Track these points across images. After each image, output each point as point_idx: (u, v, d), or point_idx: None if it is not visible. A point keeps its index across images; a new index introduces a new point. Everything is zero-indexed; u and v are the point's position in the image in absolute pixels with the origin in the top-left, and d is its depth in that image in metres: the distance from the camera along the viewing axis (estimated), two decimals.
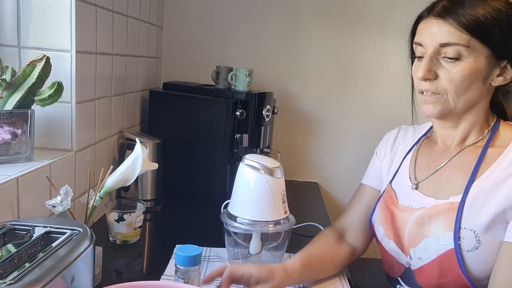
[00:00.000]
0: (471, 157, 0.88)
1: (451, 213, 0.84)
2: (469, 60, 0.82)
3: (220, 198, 1.27)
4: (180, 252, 0.80)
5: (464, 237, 0.81)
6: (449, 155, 0.92)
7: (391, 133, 1.09)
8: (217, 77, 1.53)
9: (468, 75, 0.82)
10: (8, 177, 0.84)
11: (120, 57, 1.35)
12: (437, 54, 0.84)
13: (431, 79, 0.85)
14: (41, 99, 0.97)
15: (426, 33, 0.85)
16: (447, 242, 0.83)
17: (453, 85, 0.83)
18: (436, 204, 0.87)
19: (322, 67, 1.83)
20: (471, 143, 0.90)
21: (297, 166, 1.90)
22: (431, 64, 0.84)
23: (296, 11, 1.80)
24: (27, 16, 1.03)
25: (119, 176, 0.97)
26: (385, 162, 1.06)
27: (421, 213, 0.89)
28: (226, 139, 1.39)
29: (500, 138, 0.88)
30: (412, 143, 1.03)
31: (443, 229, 0.84)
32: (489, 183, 0.82)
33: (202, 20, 1.82)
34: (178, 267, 0.81)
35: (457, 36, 0.81)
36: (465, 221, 0.82)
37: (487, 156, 0.86)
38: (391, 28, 1.79)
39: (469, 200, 0.83)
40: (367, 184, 1.08)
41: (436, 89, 0.85)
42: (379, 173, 1.07)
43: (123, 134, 1.41)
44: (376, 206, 1.01)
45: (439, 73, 0.84)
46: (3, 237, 0.66)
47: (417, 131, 1.06)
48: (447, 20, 0.82)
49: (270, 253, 1.04)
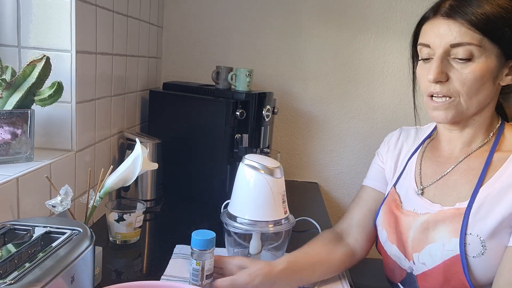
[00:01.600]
0: (477, 162, 0.87)
1: (457, 219, 0.83)
2: (480, 60, 0.80)
3: (220, 198, 1.27)
4: (195, 236, 0.86)
5: (470, 243, 0.80)
6: (455, 160, 0.90)
7: (393, 135, 1.08)
8: (217, 77, 1.53)
9: (480, 75, 0.80)
10: (8, 177, 0.84)
11: (120, 57, 1.35)
12: (447, 55, 0.82)
13: (443, 82, 0.82)
14: (41, 99, 0.97)
15: (434, 34, 0.83)
16: (452, 248, 0.82)
17: (466, 87, 0.81)
18: (442, 209, 0.86)
19: (322, 67, 1.83)
20: (477, 146, 0.89)
21: (297, 166, 1.90)
22: (442, 65, 0.81)
23: (296, 11, 1.80)
24: (27, 16, 1.03)
25: (119, 176, 0.97)
26: (388, 164, 1.04)
27: (426, 218, 0.88)
28: (226, 139, 1.39)
29: (506, 142, 0.87)
30: (415, 146, 1.01)
31: (448, 235, 0.83)
32: (496, 189, 0.81)
33: (202, 20, 1.82)
34: (194, 250, 0.86)
35: (469, 36, 0.79)
36: (471, 227, 0.81)
37: (494, 161, 0.84)
38: (391, 28, 1.79)
39: (476, 206, 0.82)
40: (368, 185, 1.07)
41: (448, 92, 0.82)
42: (380, 174, 1.06)
43: (123, 134, 1.41)
44: (380, 209, 1.00)
45: (450, 74, 0.82)
46: (3, 237, 0.66)
47: (419, 132, 1.04)
48: (457, 20, 0.79)
49: (270, 253, 1.04)
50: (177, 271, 0.98)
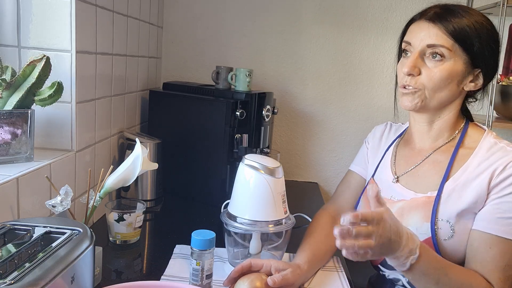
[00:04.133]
0: (444, 156, 0.99)
1: (428, 206, 0.94)
2: (449, 62, 0.92)
3: (220, 198, 1.27)
4: (195, 236, 0.87)
5: (441, 227, 0.92)
6: (425, 153, 1.02)
7: (380, 127, 1.20)
8: (217, 77, 1.53)
9: (447, 75, 0.92)
10: (8, 177, 0.84)
11: (120, 57, 1.35)
12: (423, 53, 0.93)
13: (414, 75, 0.94)
14: (41, 99, 0.97)
15: (416, 34, 0.95)
16: (425, 232, 0.93)
17: (432, 82, 0.93)
18: (415, 197, 0.98)
19: (322, 67, 1.83)
20: (443, 142, 1.00)
21: (297, 166, 1.90)
22: (416, 61, 0.93)
23: (296, 11, 1.80)
24: (27, 16, 1.03)
25: (119, 176, 0.97)
26: (370, 152, 1.16)
27: (401, 205, 0.98)
28: (226, 139, 1.39)
29: (469, 139, 0.98)
30: (391, 140, 1.13)
31: (421, 220, 0.94)
32: (461, 182, 0.93)
33: (202, 20, 1.82)
34: (194, 250, 0.87)
35: (443, 40, 0.91)
36: (441, 213, 0.92)
37: (458, 156, 0.97)
38: (391, 28, 1.79)
39: (444, 196, 0.93)
40: (354, 171, 1.19)
41: (416, 84, 0.94)
42: (365, 161, 1.17)
43: (123, 134, 1.41)
44: (360, 198, 1.11)
45: (422, 70, 0.93)
46: (3, 237, 0.66)
47: (398, 129, 1.16)
48: (437, 24, 0.92)
49: (270, 253, 1.04)
50: (177, 271, 0.98)
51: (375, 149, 1.15)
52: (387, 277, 1.03)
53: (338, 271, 1.03)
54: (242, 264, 0.91)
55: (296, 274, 0.92)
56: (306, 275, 0.96)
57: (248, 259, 0.92)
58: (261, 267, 0.91)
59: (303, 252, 1.00)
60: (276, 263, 0.93)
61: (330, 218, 1.12)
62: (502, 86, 1.63)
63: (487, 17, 0.95)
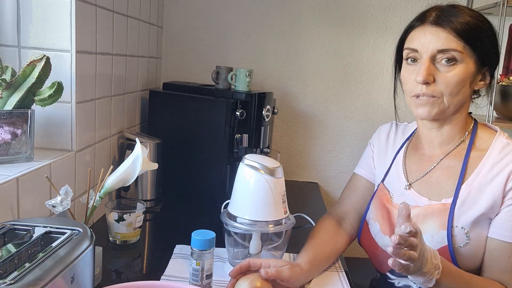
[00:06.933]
0: (455, 160, 0.96)
1: (444, 213, 0.92)
2: (462, 65, 0.89)
3: (220, 198, 1.27)
4: (195, 236, 0.87)
5: (456, 235, 0.90)
6: (436, 158, 0.99)
7: (385, 127, 1.15)
8: (217, 77, 1.53)
9: (462, 78, 0.89)
10: (8, 177, 0.84)
11: (120, 57, 1.35)
12: (433, 59, 0.90)
13: (429, 83, 0.90)
14: (41, 99, 0.97)
15: (422, 40, 0.91)
16: (441, 240, 0.91)
17: (449, 88, 0.89)
18: (430, 204, 0.95)
19: (322, 67, 1.83)
20: (454, 146, 0.98)
21: (297, 166, 1.90)
22: (430, 68, 0.90)
23: (296, 11, 1.80)
24: (27, 16, 1.03)
25: (119, 176, 0.97)
26: (376, 154, 1.12)
27: (416, 212, 0.95)
28: (226, 139, 1.39)
29: (479, 140, 0.96)
30: (401, 142, 1.10)
31: (437, 228, 0.92)
32: (475, 186, 0.91)
33: (202, 20, 1.82)
34: (194, 250, 0.87)
35: (454, 43, 0.88)
36: (456, 220, 0.90)
37: (471, 160, 0.94)
38: (391, 28, 1.79)
39: (460, 202, 0.91)
40: (360, 174, 1.15)
41: (433, 92, 0.90)
42: (370, 164, 1.14)
43: (123, 134, 1.41)
44: (370, 204, 1.07)
45: (436, 77, 0.90)
46: (3, 237, 0.66)
47: (405, 130, 1.12)
48: (444, 28, 0.89)
49: (270, 253, 1.04)
50: (177, 271, 0.98)
51: (382, 153, 1.11)
52: (396, 285, 1.01)
53: (339, 271, 1.03)
54: (240, 264, 0.90)
55: (293, 271, 0.91)
56: (306, 275, 0.95)
57: (247, 259, 0.91)
58: (259, 266, 0.90)
59: (304, 252, 1.00)
60: (275, 262, 0.92)
61: (334, 221, 1.10)
62: (502, 86, 1.63)
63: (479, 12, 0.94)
